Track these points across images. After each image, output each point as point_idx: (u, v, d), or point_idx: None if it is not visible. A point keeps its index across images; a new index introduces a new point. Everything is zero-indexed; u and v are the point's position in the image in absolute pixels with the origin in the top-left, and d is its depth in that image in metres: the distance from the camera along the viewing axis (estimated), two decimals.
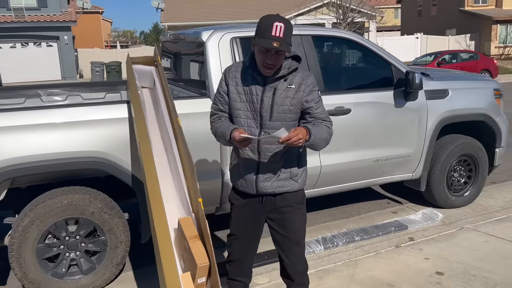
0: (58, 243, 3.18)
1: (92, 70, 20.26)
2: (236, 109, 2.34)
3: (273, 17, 2.16)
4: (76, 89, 4.71)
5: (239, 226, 2.49)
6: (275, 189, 2.37)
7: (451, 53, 20.74)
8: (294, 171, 2.38)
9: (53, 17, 24.44)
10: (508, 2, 32.40)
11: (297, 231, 2.45)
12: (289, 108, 2.27)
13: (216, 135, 2.39)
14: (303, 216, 2.49)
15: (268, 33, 2.10)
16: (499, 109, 4.71)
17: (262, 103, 2.27)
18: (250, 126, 2.31)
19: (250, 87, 2.29)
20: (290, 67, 2.28)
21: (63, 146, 3.09)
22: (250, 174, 2.37)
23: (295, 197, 2.43)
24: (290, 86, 2.27)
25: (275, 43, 2.08)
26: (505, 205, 4.67)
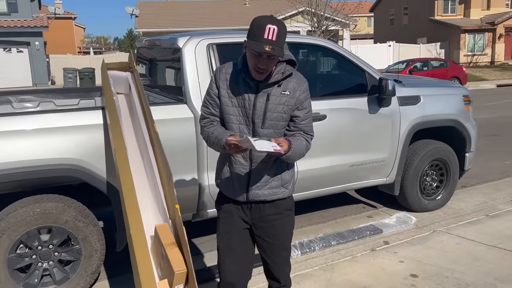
0: (30, 252, 3.10)
1: (65, 76, 19.92)
2: (228, 113, 2.21)
3: (266, 18, 2.03)
4: (48, 96, 4.62)
5: (227, 235, 2.34)
6: (266, 197, 2.28)
7: (422, 61, 21.28)
8: (285, 178, 2.31)
9: (24, 23, 23.94)
10: (476, 12, 33.55)
11: (284, 237, 2.38)
12: (282, 115, 2.18)
13: (208, 141, 2.25)
14: (291, 222, 2.42)
15: (261, 36, 1.99)
16: (468, 115, 4.86)
17: (254, 109, 2.16)
18: (243, 132, 2.19)
19: (242, 91, 2.17)
20: (284, 72, 2.16)
21: (36, 153, 3.02)
22: (241, 182, 2.26)
23: (285, 204, 2.35)
24: (284, 93, 2.17)
25: (267, 46, 1.97)
26: (475, 208, 4.81)
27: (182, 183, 3.44)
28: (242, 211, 2.33)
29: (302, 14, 23.22)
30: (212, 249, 4.09)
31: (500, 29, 32.38)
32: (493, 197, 5.11)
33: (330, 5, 21.96)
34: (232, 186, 2.29)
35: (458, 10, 34.03)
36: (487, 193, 5.27)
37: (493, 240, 3.95)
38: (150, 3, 33.48)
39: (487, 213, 4.63)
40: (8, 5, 24.07)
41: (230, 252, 2.34)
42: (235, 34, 3.81)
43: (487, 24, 32.32)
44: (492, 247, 3.82)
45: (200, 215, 3.69)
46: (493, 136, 9.09)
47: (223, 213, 2.38)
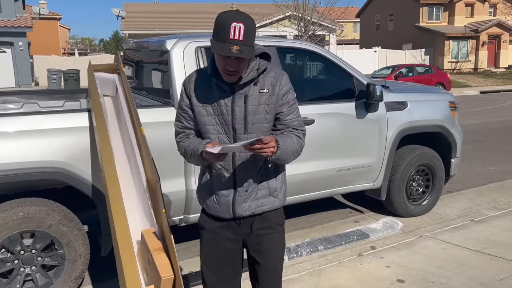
0: (12, 257, 3.02)
1: (49, 77, 19.62)
2: (203, 124, 2.01)
3: (230, 15, 1.81)
4: (32, 97, 4.54)
5: (212, 256, 2.15)
6: (254, 209, 2.06)
7: (408, 67, 21.57)
8: (273, 185, 2.09)
9: (7, 22, 23.57)
10: (459, 19, 34.14)
11: (275, 258, 2.16)
12: (265, 116, 1.98)
13: (185, 155, 2.06)
14: (282, 241, 2.20)
15: (226, 36, 1.78)
16: (454, 120, 4.91)
17: (234, 114, 1.96)
18: (223, 142, 1.99)
19: (216, 97, 1.97)
20: (259, 67, 1.97)
21: (20, 156, 2.95)
22: (224, 196, 2.05)
23: (275, 217, 2.14)
24: (262, 91, 1.97)
25: (234, 48, 1.77)
26: (460, 213, 4.85)
27: (169, 187, 3.40)
28: (230, 229, 2.12)
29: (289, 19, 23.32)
30: (198, 254, 4.03)
31: (483, 36, 32.98)
32: (478, 203, 5.17)
33: (317, 10, 22.11)
34: (216, 202, 2.08)
35: (443, 17, 34.58)
36: (471, 199, 5.33)
37: (478, 245, 3.98)
38: (137, 4, 33.31)
39: (472, 218, 4.67)
40: None
41: (216, 274, 2.17)
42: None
43: (471, 32, 32.89)
44: (477, 252, 3.86)
45: (187, 219, 3.65)
46: (477, 142, 9.22)
47: (208, 233, 2.16)
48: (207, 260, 2.17)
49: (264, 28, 27.18)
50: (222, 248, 2.14)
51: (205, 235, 2.17)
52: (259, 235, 2.12)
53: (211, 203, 2.11)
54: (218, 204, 2.08)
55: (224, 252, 2.15)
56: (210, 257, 2.16)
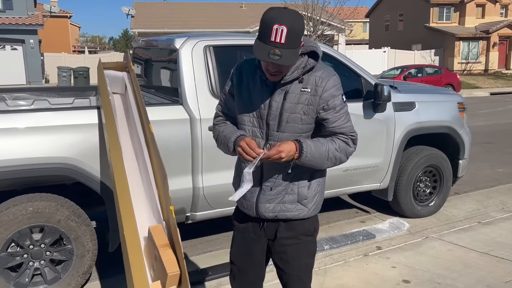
0: (22, 252, 3.07)
1: (59, 75, 19.78)
2: (240, 113, 1.96)
3: (275, 15, 1.70)
4: (43, 94, 4.60)
5: (239, 253, 2.17)
6: (277, 213, 1.98)
7: (417, 67, 21.45)
8: (303, 193, 1.97)
9: (19, 20, 23.79)
10: (470, 20, 33.87)
11: (299, 268, 2.07)
12: (301, 117, 1.86)
13: (217, 140, 2.03)
14: (309, 251, 2.08)
15: (267, 38, 1.70)
16: (462, 122, 4.89)
17: (270, 109, 1.88)
18: (255, 136, 1.93)
19: (258, 89, 1.91)
20: (305, 66, 1.86)
21: (30, 151, 3.00)
22: (250, 192, 1.98)
23: (303, 227, 2.02)
24: (304, 90, 1.85)
25: (273, 52, 1.68)
26: (467, 215, 4.83)
27: (177, 185, 3.43)
28: (255, 230, 2.08)
29: None
30: (204, 251, 4.08)
31: (494, 37, 32.70)
32: (485, 205, 5.15)
33: (326, 9, 22.05)
34: (244, 197, 2.03)
35: (453, 18, 34.34)
36: (479, 200, 5.30)
37: (485, 247, 3.97)
38: (147, 3, 33.44)
39: (479, 220, 4.65)
40: (3, 2, 23.93)
41: (242, 274, 2.18)
42: (232, 36, 3.81)
43: (482, 32, 32.62)
44: (484, 254, 3.84)
45: (194, 217, 3.67)
46: (486, 143, 9.16)
47: (237, 232, 2.18)
48: (233, 254, 2.20)
49: None
50: (248, 248, 2.13)
51: (235, 234, 2.19)
52: (284, 244, 2.04)
53: (240, 199, 2.07)
54: (245, 200, 2.05)
55: (249, 252, 2.14)
56: (235, 251, 2.19)
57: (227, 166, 3.13)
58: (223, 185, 3.43)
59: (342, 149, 1.92)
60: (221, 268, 3.53)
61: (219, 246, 4.17)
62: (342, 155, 1.92)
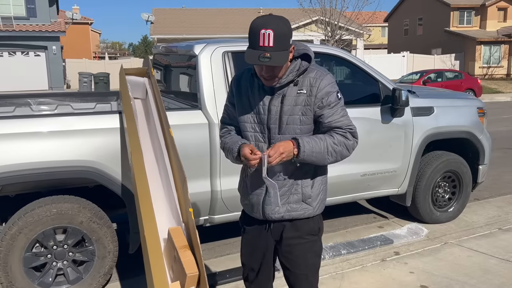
0: (46, 252, 3.16)
1: (80, 80, 20.17)
2: (242, 121, 2.05)
3: (260, 21, 1.80)
4: (66, 99, 4.72)
5: (247, 255, 2.25)
6: (283, 213, 2.03)
7: (437, 72, 21.21)
8: (307, 192, 2.04)
9: (42, 27, 24.35)
10: (492, 23, 33.32)
11: (306, 267, 2.12)
12: (300, 118, 1.93)
13: (224, 150, 2.13)
14: (315, 250, 2.13)
15: (256, 43, 1.79)
16: (482, 127, 4.84)
17: (269, 113, 1.96)
18: (258, 141, 2.01)
19: (257, 95, 2.00)
20: (299, 68, 1.94)
21: (54, 155, 3.09)
22: (257, 195, 2.07)
23: (309, 227, 2.08)
24: (300, 91, 1.93)
25: (263, 55, 1.77)
26: (488, 221, 4.77)
27: (195, 188, 3.48)
28: (262, 232, 2.15)
29: (315, 23, 23.27)
30: (222, 254, 4.12)
31: None
32: (507, 211, 5.07)
33: (344, 14, 21.99)
34: (249, 201, 2.13)
35: (474, 22, 33.84)
36: (500, 207, 5.22)
37: (506, 254, 3.91)
38: (166, 9, 33.87)
39: (500, 226, 4.59)
40: (27, 9, 24.52)
41: (254, 275, 2.26)
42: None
43: (504, 36, 32.06)
44: (505, 260, 3.79)
45: (212, 220, 3.72)
46: (507, 149, 9.00)
47: (245, 234, 2.26)
48: (242, 256, 2.29)
49: None
50: (254, 247, 2.21)
51: (244, 236, 2.27)
52: (289, 244, 2.09)
53: (246, 202, 2.17)
54: (251, 203, 2.13)
55: (257, 254, 2.22)
56: (243, 253, 2.27)
57: None
58: None
59: (341, 143, 1.97)
60: (238, 271, 3.56)
61: (236, 249, 4.21)
62: (342, 148, 1.97)
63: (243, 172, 2.20)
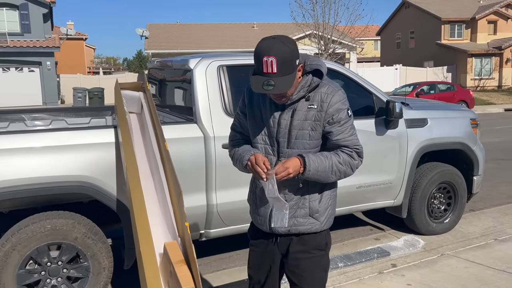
0: (40, 269, 3.12)
1: (74, 96, 20.18)
2: (253, 132, 2.05)
3: (262, 48, 1.80)
4: (60, 114, 4.71)
5: (254, 268, 2.23)
6: (290, 227, 2.01)
7: (429, 84, 21.42)
8: (314, 207, 2.01)
9: (36, 43, 24.44)
10: (482, 36, 33.80)
11: (313, 283, 2.07)
12: (309, 133, 1.92)
13: (233, 158, 2.11)
14: (323, 265, 2.11)
15: (261, 70, 1.79)
16: (476, 138, 4.87)
17: (279, 127, 1.95)
18: (267, 153, 2.01)
19: (268, 108, 1.99)
20: (310, 84, 1.93)
21: (48, 170, 3.07)
22: (264, 208, 2.05)
23: (315, 241, 2.05)
24: (311, 107, 1.92)
25: (267, 82, 1.77)
26: (484, 232, 4.77)
27: (191, 202, 3.47)
28: (269, 246, 2.13)
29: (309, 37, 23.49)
30: (219, 268, 4.09)
31: (507, 53, 32.54)
32: (502, 221, 5.08)
33: (337, 28, 22.23)
34: (257, 213, 2.12)
35: (465, 35, 34.30)
36: (495, 217, 5.24)
37: (502, 265, 3.91)
38: (160, 24, 34.10)
39: (496, 237, 4.59)
40: (21, 26, 24.63)
41: (258, 286, 2.24)
42: (244, 56, 3.89)
43: (494, 49, 32.50)
44: (501, 271, 3.79)
45: (208, 234, 3.70)
46: (501, 160, 9.06)
47: (252, 246, 2.25)
48: (249, 268, 2.26)
49: None
50: (261, 260, 2.19)
51: (251, 248, 2.25)
52: (296, 259, 2.07)
53: (254, 214, 2.17)
54: (259, 216, 2.12)
55: (264, 267, 2.19)
56: (251, 265, 2.25)
57: (241, 183, 3.16)
58: (237, 202, 3.46)
59: (346, 162, 1.96)
60: (235, 286, 3.54)
61: (233, 264, 4.18)
62: (346, 168, 1.97)
63: (252, 183, 2.19)
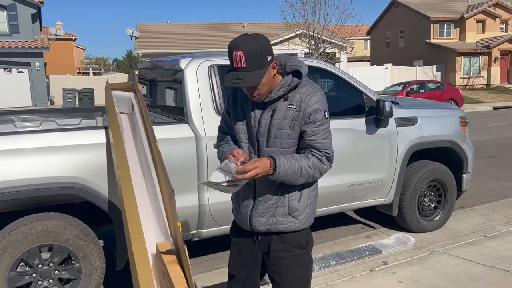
0: (31, 271, 3.10)
1: (64, 96, 19.99)
2: (237, 132, 2.10)
3: (232, 44, 1.87)
4: (50, 115, 4.68)
5: (235, 266, 2.25)
6: (269, 226, 2.05)
7: (419, 83, 21.56)
8: (294, 205, 2.04)
9: (25, 44, 24.19)
10: (471, 35, 34.09)
11: (294, 280, 2.08)
12: (288, 132, 1.96)
13: (220, 159, 2.15)
14: (305, 263, 2.11)
15: (232, 65, 1.87)
16: (465, 136, 4.92)
17: (259, 126, 2.01)
18: (250, 152, 2.06)
19: (250, 108, 2.05)
20: (290, 84, 1.97)
21: (39, 171, 3.06)
22: (245, 206, 2.11)
23: (296, 240, 2.07)
24: (290, 106, 1.96)
25: (235, 77, 1.84)
26: (473, 229, 4.83)
27: (183, 202, 3.47)
28: (250, 244, 2.15)
29: (299, 37, 23.57)
30: (211, 268, 4.09)
31: (495, 52, 32.86)
32: (491, 218, 5.14)
33: (327, 28, 22.31)
34: (239, 211, 2.16)
35: (454, 34, 34.58)
36: (484, 214, 5.30)
37: (492, 261, 3.96)
38: (150, 25, 33.96)
39: (485, 234, 4.65)
40: (9, 26, 24.37)
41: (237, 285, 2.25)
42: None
43: (483, 48, 32.81)
44: (491, 267, 3.84)
45: (200, 234, 3.70)
46: (490, 157, 9.16)
47: (233, 245, 2.26)
48: (230, 266, 2.28)
49: (275, 46, 27.48)
50: (244, 262, 2.21)
51: (232, 247, 2.27)
52: (277, 257, 2.09)
53: (236, 212, 2.21)
54: (240, 214, 2.16)
55: (244, 266, 2.22)
56: (231, 263, 2.27)
57: None
58: (228, 202, 3.42)
59: (315, 166, 1.97)
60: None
61: (225, 263, 4.18)
62: (315, 171, 1.97)
63: None
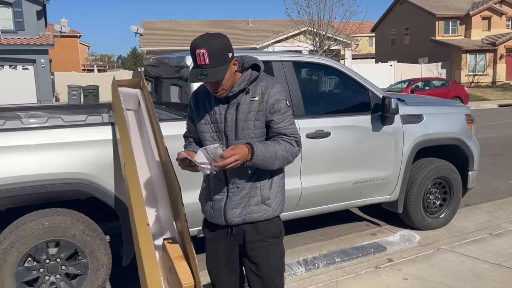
0: (38, 266, 3.12)
1: (69, 93, 20.04)
2: (201, 132, 2.18)
3: (195, 42, 1.98)
4: (57, 112, 4.70)
5: (213, 263, 2.31)
6: (244, 216, 2.12)
7: (424, 81, 21.47)
8: (265, 194, 2.13)
9: (30, 40, 24.27)
10: (476, 32, 33.90)
11: (271, 270, 2.18)
12: (254, 123, 2.07)
13: None
14: (278, 253, 2.21)
15: (195, 63, 1.97)
16: (471, 133, 4.91)
17: (226, 122, 2.10)
18: None
19: (213, 106, 2.13)
20: (250, 77, 2.10)
21: (46, 167, 3.07)
22: (218, 201, 2.17)
23: (269, 230, 2.16)
24: (253, 99, 2.08)
25: (200, 73, 1.93)
26: (479, 226, 4.82)
27: (189, 199, 3.47)
28: (225, 238, 2.21)
29: (304, 34, 23.50)
30: None
31: (501, 49, 32.67)
32: (496, 216, 5.13)
33: (332, 25, 22.24)
34: (211, 207, 2.21)
35: (459, 31, 34.40)
36: (490, 212, 5.28)
37: (497, 259, 3.95)
38: (155, 21, 33.96)
39: (490, 231, 4.64)
40: (15, 23, 24.44)
41: (219, 282, 2.32)
42: (239, 53, 3.87)
43: (488, 45, 32.62)
44: (496, 265, 3.83)
45: None
46: (495, 155, 9.13)
47: (208, 242, 2.31)
48: (208, 264, 2.34)
49: (280, 43, 27.46)
50: (221, 257, 2.28)
51: (207, 244, 2.32)
52: (252, 248, 2.17)
53: (208, 209, 2.25)
54: (213, 209, 2.21)
55: (223, 261, 2.28)
56: (209, 261, 2.33)
57: None
58: None
59: (288, 150, 2.08)
60: None
61: None
62: (288, 155, 2.09)
63: (206, 179, 2.27)
